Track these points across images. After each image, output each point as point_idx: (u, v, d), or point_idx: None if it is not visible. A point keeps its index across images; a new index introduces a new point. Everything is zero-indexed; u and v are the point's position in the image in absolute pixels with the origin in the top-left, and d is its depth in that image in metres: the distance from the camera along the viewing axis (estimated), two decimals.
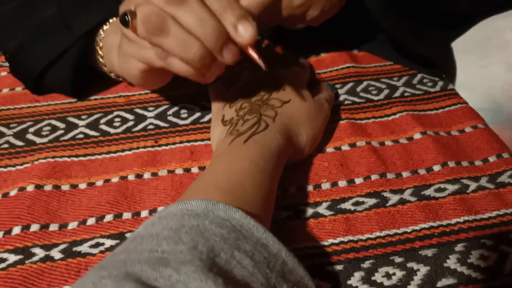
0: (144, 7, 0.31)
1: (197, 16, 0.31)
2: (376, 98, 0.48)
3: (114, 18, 0.43)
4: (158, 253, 0.23)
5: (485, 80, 0.53)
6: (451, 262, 0.32)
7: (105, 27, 0.43)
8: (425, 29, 0.53)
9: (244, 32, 0.31)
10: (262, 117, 0.38)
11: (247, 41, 0.32)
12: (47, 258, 0.33)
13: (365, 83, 0.50)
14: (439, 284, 0.31)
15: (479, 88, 0.53)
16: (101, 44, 0.43)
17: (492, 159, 0.40)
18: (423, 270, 0.32)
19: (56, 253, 0.33)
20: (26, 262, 0.32)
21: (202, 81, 0.35)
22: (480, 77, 0.54)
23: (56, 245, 0.34)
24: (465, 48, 0.57)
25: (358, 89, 0.50)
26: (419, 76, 0.52)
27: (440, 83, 0.51)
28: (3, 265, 0.32)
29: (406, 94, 0.49)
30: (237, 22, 0.31)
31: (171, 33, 0.31)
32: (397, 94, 0.49)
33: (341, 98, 0.48)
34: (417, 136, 0.43)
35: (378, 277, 0.31)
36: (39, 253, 0.33)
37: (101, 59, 0.44)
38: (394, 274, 0.32)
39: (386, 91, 0.49)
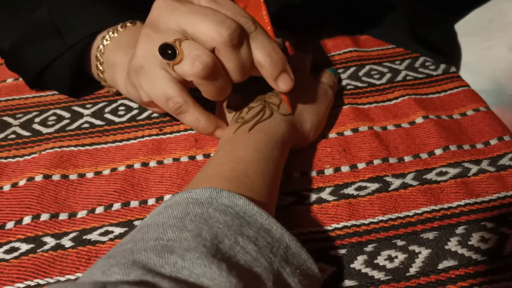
0: (195, 46, 0.32)
1: (244, 76, 0.35)
2: (378, 82, 0.48)
3: (115, 33, 0.42)
4: (163, 241, 0.23)
5: (487, 62, 0.53)
6: (452, 244, 0.33)
7: (105, 42, 0.42)
8: (433, 13, 0.53)
9: (284, 86, 0.36)
10: (267, 104, 0.38)
11: (284, 92, 0.37)
12: (58, 247, 0.34)
13: (367, 67, 0.51)
14: (440, 266, 0.32)
15: (481, 70, 0.53)
16: (101, 60, 0.42)
17: (493, 142, 0.41)
18: (424, 252, 0.32)
19: (66, 242, 0.34)
20: (38, 251, 0.33)
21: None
22: (482, 58, 0.53)
23: (66, 233, 0.35)
24: (468, 29, 0.56)
25: (361, 73, 0.50)
26: (421, 59, 0.52)
27: (443, 66, 0.51)
28: (15, 254, 0.33)
29: (408, 77, 0.49)
30: (278, 75, 0.35)
31: (216, 80, 0.34)
32: (399, 78, 0.49)
33: (344, 82, 0.49)
34: (419, 120, 0.43)
35: (380, 260, 0.32)
36: (50, 241, 0.34)
37: (101, 74, 0.43)
38: (396, 257, 0.32)
39: (388, 75, 0.49)
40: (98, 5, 0.44)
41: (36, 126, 0.44)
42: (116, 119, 0.45)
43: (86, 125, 0.44)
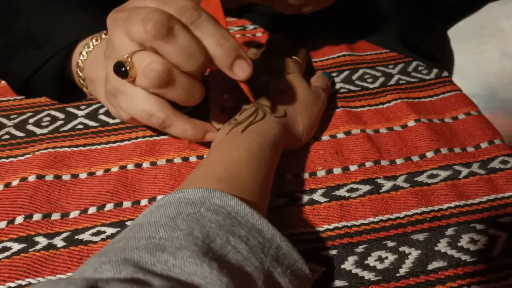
0: (144, 57, 0.32)
1: (197, 64, 0.32)
2: (371, 86, 0.49)
3: (91, 47, 0.42)
4: (155, 240, 0.24)
5: (479, 67, 0.54)
6: (442, 245, 0.33)
7: (82, 58, 0.41)
8: (426, 21, 0.54)
9: (241, 73, 0.33)
10: (260, 106, 0.39)
11: (243, 79, 0.33)
12: (50, 246, 0.34)
13: (360, 71, 0.51)
14: (429, 267, 0.32)
15: (474, 75, 0.54)
16: (82, 76, 0.42)
17: (484, 145, 0.41)
18: (414, 253, 0.33)
19: (58, 241, 0.34)
20: (30, 250, 0.33)
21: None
22: (475, 63, 0.54)
23: (58, 233, 0.35)
24: (460, 35, 0.57)
25: (354, 77, 0.50)
26: (414, 63, 0.52)
27: (435, 71, 0.51)
28: (7, 253, 0.33)
29: (401, 82, 0.49)
30: (232, 62, 0.32)
31: (177, 83, 0.32)
32: (392, 82, 0.49)
33: (337, 86, 0.49)
34: (411, 123, 0.43)
35: (371, 261, 0.32)
36: (42, 241, 0.34)
37: (85, 89, 0.44)
38: (386, 258, 0.33)
39: (381, 79, 0.50)
40: (74, 13, 0.43)
41: (30, 127, 0.45)
42: (110, 121, 0.45)
43: (80, 126, 0.44)
